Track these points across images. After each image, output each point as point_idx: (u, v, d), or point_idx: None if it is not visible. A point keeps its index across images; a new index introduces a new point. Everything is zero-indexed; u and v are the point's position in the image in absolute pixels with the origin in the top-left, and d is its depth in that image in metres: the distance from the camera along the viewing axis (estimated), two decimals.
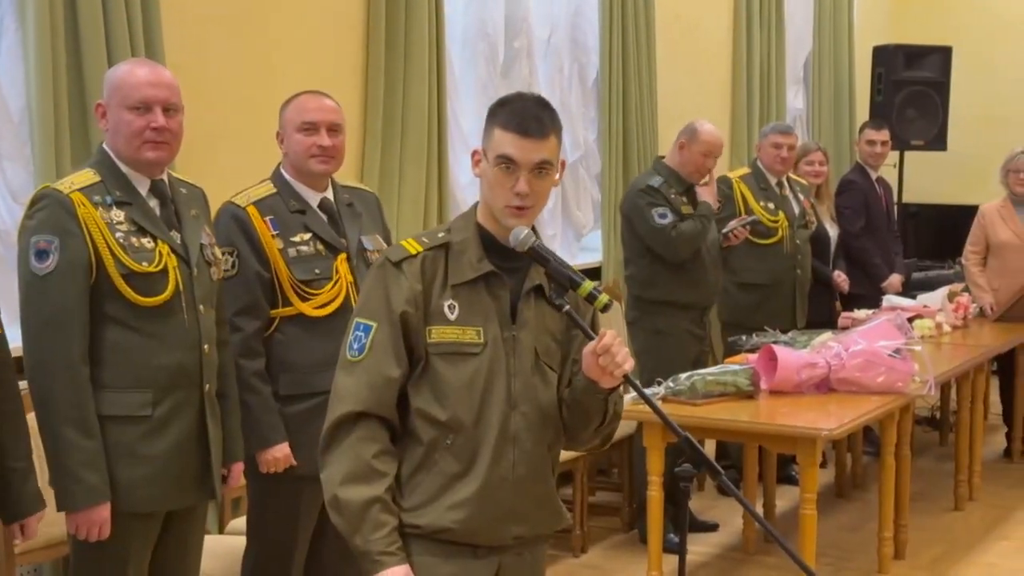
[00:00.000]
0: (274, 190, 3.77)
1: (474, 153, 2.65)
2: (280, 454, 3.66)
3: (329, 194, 3.82)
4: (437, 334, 2.59)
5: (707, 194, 5.65)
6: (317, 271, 3.70)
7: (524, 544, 2.70)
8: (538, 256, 2.59)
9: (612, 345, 2.50)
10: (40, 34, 3.93)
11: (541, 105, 2.61)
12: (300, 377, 3.69)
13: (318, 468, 2.61)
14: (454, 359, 2.59)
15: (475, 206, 2.69)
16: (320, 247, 3.73)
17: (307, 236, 3.72)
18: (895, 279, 7.18)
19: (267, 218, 3.70)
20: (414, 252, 2.61)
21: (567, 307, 2.58)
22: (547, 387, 2.67)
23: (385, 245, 3.87)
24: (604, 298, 2.57)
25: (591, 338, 2.55)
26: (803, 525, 4.51)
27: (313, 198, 3.79)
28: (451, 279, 2.61)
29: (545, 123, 2.57)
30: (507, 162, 2.55)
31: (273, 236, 3.69)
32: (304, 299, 3.69)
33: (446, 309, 2.59)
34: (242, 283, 3.65)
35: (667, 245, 5.56)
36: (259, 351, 3.67)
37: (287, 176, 3.79)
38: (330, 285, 3.71)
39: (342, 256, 3.75)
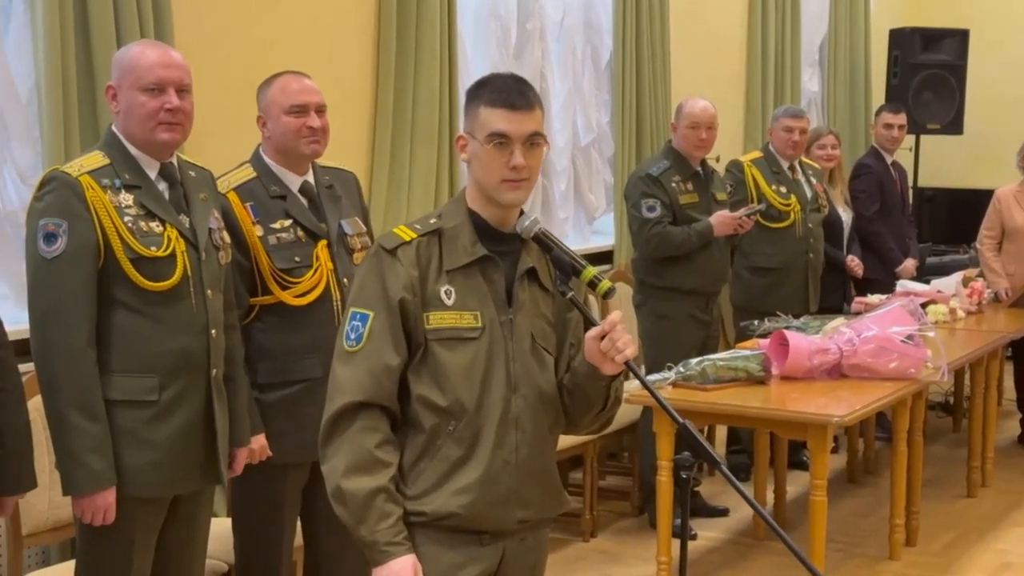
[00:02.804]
0: (254, 174, 3.70)
1: (459, 139, 2.66)
2: (256, 445, 3.60)
3: (310, 177, 3.76)
4: (435, 320, 2.57)
5: (722, 222, 5.62)
6: (297, 259, 3.64)
7: (528, 529, 2.69)
8: (543, 243, 2.59)
9: (613, 330, 2.49)
10: (49, 15, 3.92)
11: (520, 81, 2.64)
12: (279, 365, 3.64)
13: (307, 455, 2.59)
14: (453, 344, 2.58)
15: (463, 192, 2.68)
16: (300, 234, 3.66)
17: (287, 223, 3.66)
18: (909, 264, 7.14)
19: (247, 204, 3.63)
20: (408, 239, 2.59)
21: (571, 293, 2.58)
22: (545, 370, 2.66)
23: (364, 227, 3.84)
24: (606, 284, 2.56)
25: (594, 324, 2.54)
26: (813, 512, 4.49)
27: (294, 182, 3.72)
28: (446, 264, 2.60)
29: (529, 96, 2.60)
30: (500, 138, 2.55)
31: (253, 223, 3.63)
32: (284, 287, 3.62)
33: (443, 294, 2.58)
34: None
35: (643, 238, 5.61)
36: None
37: (267, 160, 3.72)
38: (310, 273, 3.65)
39: (322, 243, 3.69)
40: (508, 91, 2.59)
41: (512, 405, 2.60)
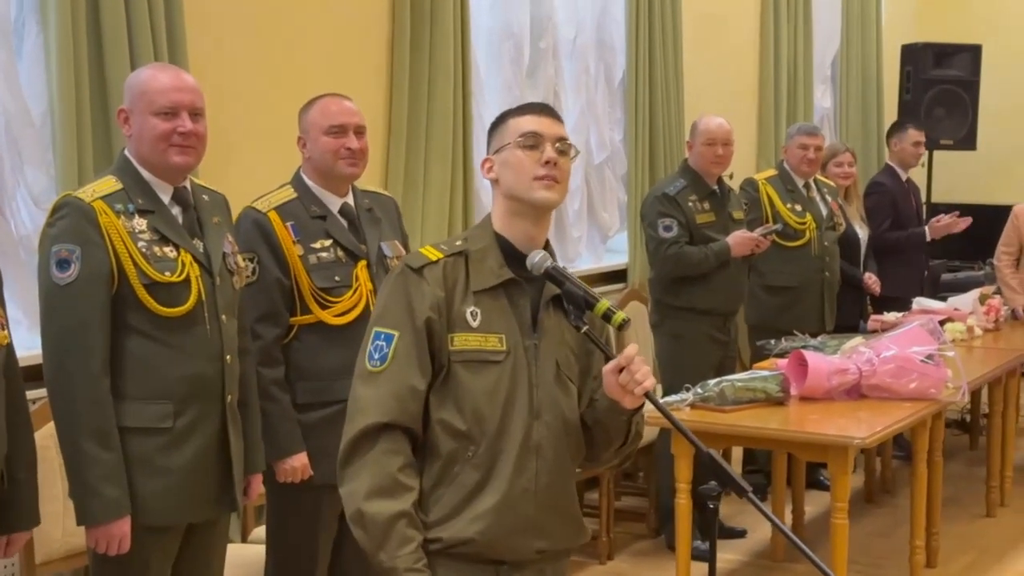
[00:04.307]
0: (295, 195, 3.72)
1: (484, 161, 2.66)
2: (298, 464, 3.62)
3: (350, 199, 3.78)
4: (460, 341, 2.54)
5: (740, 242, 5.59)
6: (337, 278, 3.66)
7: (547, 560, 2.64)
8: (553, 278, 2.57)
9: (631, 363, 2.46)
10: (62, 37, 3.89)
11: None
12: (318, 385, 3.65)
13: (336, 478, 2.56)
14: (477, 367, 2.54)
15: (488, 217, 2.67)
16: (340, 254, 3.68)
17: (328, 243, 3.68)
18: (942, 218, 7.07)
19: (288, 224, 3.66)
20: (435, 258, 2.57)
21: (585, 328, 2.55)
22: (568, 398, 2.62)
23: (403, 251, 3.83)
24: (620, 316, 2.54)
25: (611, 357, 2.51)
26: (834, 534, 4.42)
27: (334, 203, 3.74)
28: (473, 285, 2.57)
29: (554, 111, 2.67)
30: (532, 137, 2.57)
31: (294, 242, 3.64)
32: (324, 307, 3.64)
33: (468, 316, 2.55)
34: (262, 290, 3.60)
35: (660, 258, 5.59)
36: (278, 359, 3.63)
37: (308, 181, 3.75)
38: (350, 293, 3.66)
39: (362, 263, 3.70)
40: (534, 104, 2.68)
41: (534, 431, 2.56)
